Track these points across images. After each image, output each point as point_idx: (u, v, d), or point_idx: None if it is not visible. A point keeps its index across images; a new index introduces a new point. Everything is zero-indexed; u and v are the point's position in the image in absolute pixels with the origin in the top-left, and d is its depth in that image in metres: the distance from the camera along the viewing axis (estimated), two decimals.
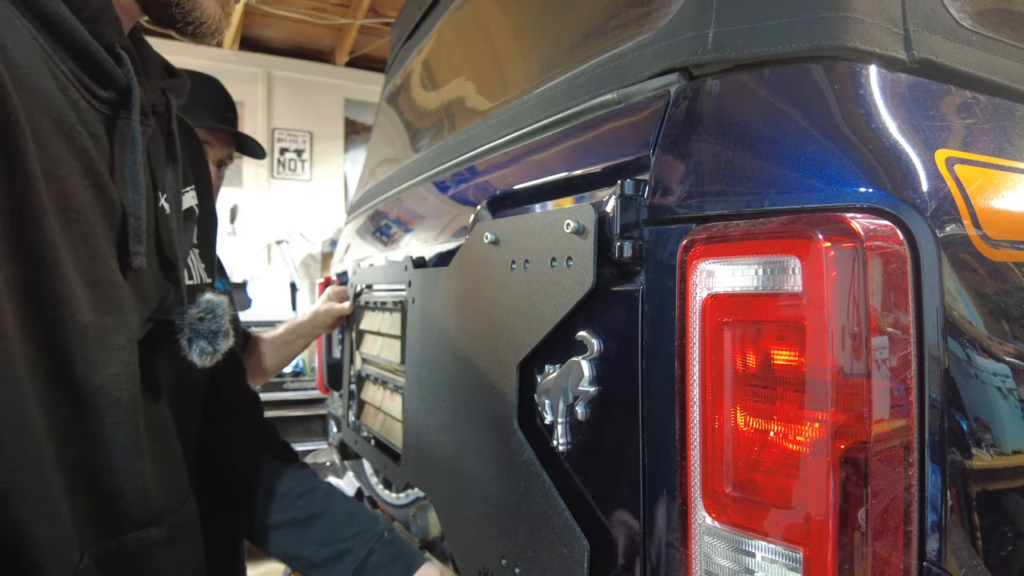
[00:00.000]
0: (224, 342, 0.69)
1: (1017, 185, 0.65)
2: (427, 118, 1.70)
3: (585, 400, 0.76)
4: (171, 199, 0.73)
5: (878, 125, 0.60)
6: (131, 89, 0.63)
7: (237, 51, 5.04)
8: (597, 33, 0.94)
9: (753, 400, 0.57)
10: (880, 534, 0.52)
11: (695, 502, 0.61)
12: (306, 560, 0.89)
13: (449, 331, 1.08)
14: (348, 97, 5.55)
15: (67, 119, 0.58)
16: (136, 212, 0.63)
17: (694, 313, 0.62)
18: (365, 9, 4.85)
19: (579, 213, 0.74)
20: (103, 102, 0.62)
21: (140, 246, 0.63)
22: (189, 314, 0.68)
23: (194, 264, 0.84)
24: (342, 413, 1.86)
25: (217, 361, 0.70)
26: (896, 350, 0.54)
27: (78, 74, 0.59)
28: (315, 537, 0.89)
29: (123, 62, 0.63)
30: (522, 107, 1.03)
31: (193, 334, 0.68)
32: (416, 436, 1.22)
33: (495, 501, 0.92)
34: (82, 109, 0.60)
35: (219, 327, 0.69)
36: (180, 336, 0.68)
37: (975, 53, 0.69)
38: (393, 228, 1.63)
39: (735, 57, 0.66)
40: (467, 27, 1.56)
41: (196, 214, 0.84)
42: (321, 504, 0.91)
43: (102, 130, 0.62)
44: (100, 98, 0.62)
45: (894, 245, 0.55)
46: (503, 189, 0.98)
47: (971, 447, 0.57)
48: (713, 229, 0.62)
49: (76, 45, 0.58)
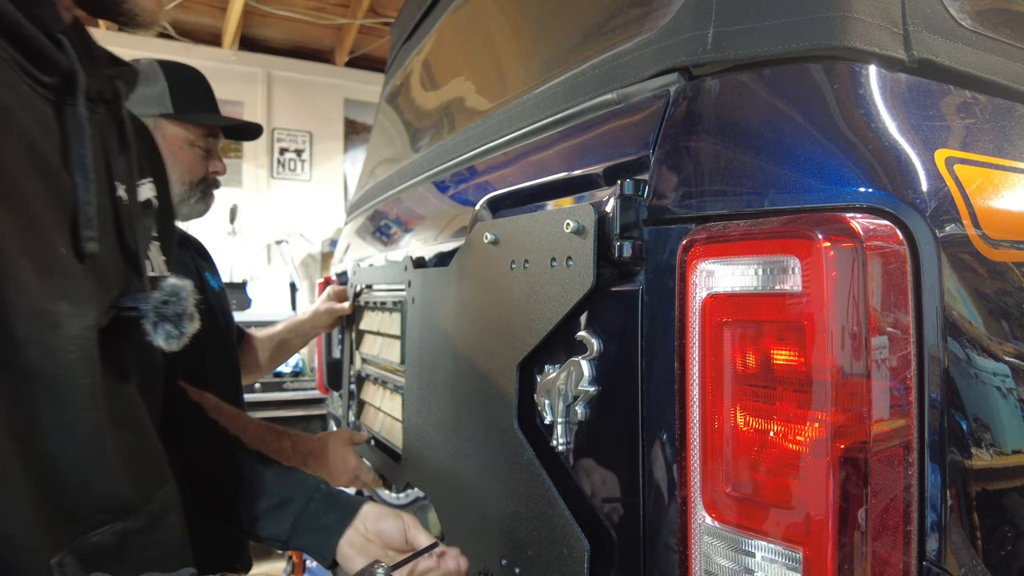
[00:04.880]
0: (190, 325, 0.68)
1: (1017, 185, 0.65)
2: (427, 118, 1.70)
3: (585, 400, 0.76)
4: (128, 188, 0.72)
5: (878, 125, 0.60)
6: (74, 73, 0.62)
7: (237, 51, 5.03)
8: (597, 33, 0.93)
9: (753, 400, 0.57)
10: (880, 534, 0.52)
11: (695, 502, 0.61)
12: (246, 516, 0.92)
13: (449, 331, 1.08)
14: (348, 97, 5.55)
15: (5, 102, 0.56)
16: (85, 197, 0.62)
17: (694, 313, 0.62)
18: (365, 9, 4.85)
19: (579, 213, 0.74)
20: (47, 87, 0.61)
21: (91, 231, 0.62)
22: (152, 298, 0.67)
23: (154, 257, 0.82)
24: (342, 413, 1.86)
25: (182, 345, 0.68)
26: (896, 350, 0.54)
27: (17, 59, 0.58)
28: (253, 492, 0.92)
29: (64, 46, 0.61)
30: (522, 107, 1.03)
31: (158, 318, 0.66)
32: (416, 436, 1.22)
33: (495, 501, 0.92)
34: (23, 94, 0.58)
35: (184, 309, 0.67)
36: (145, 321, 0.66)
37: (975, 53, 0.69)
38: (393, 228, 1.63)
39: (735, 57, 0.66)
40: (467, 27, 1.56)
41: (155, 206, 0.82)
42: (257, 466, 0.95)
43: (51, 116, 0.61)
44: (43, 83, 0.60)
45: (894, 245, 0.55)
46: (503, 189, 0.98)
47: (971, 447, 0.57)
48: (713, 229, 0.62)
49: (11, 29, 0.57)
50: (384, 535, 0.90)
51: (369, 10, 4.89)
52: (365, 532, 0.90)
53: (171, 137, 1.51)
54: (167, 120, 1.50)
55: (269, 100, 5.22)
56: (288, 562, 1.90)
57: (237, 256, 5.02)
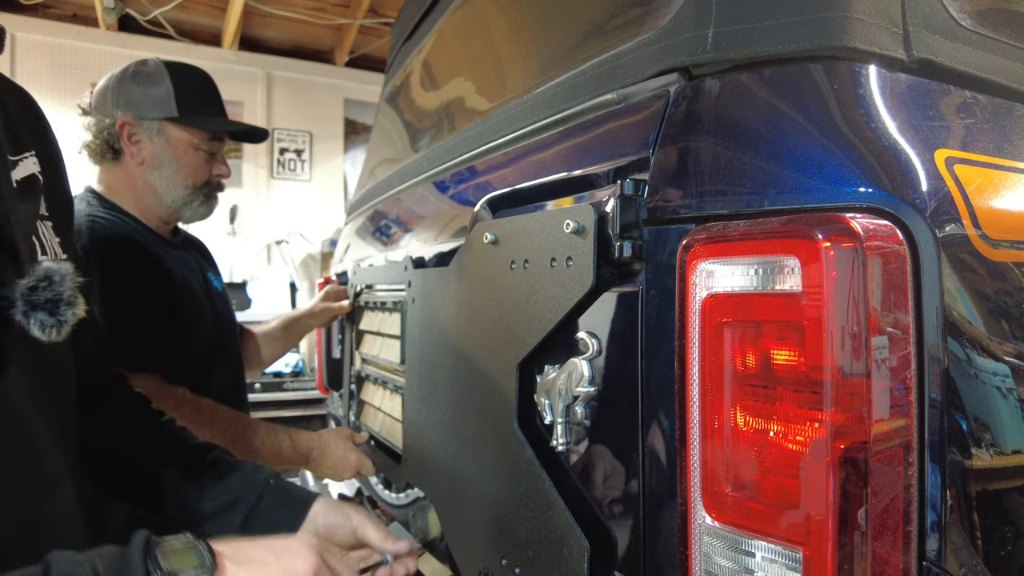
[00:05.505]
0: (69, 311, 0.62)
1: (1017, 185, 0.65)
2: (427, 118, 1.70)
3: (585, 400, 0.76)
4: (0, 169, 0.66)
5: (878, 125, 0.60)
6: None
7: (237, 51, 5.03)
8: (597, 33, 0.93)
9: (753, 400, 0.57)
10: (880, 534, 0.52)
11: (695, 502, 0.61)
12: (198, 513, 0.91)
13: (449, 331, 1.08)
14: (348, 97, 5.54)
15: None
16: None
17: (694, 313, 0.62)
18: (365, 9, 4.85)
19: (579, 213, 0.74)
20: None
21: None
22: (19, 285, 0.60)
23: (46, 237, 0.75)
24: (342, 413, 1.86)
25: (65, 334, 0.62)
26: (896, 350, 0.54)
27: None
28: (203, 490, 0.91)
29: None
30: (522, 107, 1.03)
31: (28, 307, 0.60)
32: (416, 436, 1.22)
33: (495, 501, 0.92)
34: None
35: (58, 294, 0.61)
36: (14, 311, 0.60)
37: (975, 53, 0.69)
38: (393, 228, 1.63)
39: (735, 57, 0.66)
40: (467, 27, 1.56)
41: (40, 182, 0.76)
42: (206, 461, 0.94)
43: None
44: None
45: (894, 245, 0.55)
46: (503, 189, 0.98)
47: (971, 447, 0.57)
48: (713, 229, 0.62)
49: None
50: (332, 532, 0.90)
51: (369, 10, 4.89)
52: (315, 530, 0.90)
53: (175, 140, 1.50)
54: (172, 123, 1.49)
55: (269, 100, 5.22)
56: None
57: (237, 256, 5.02)
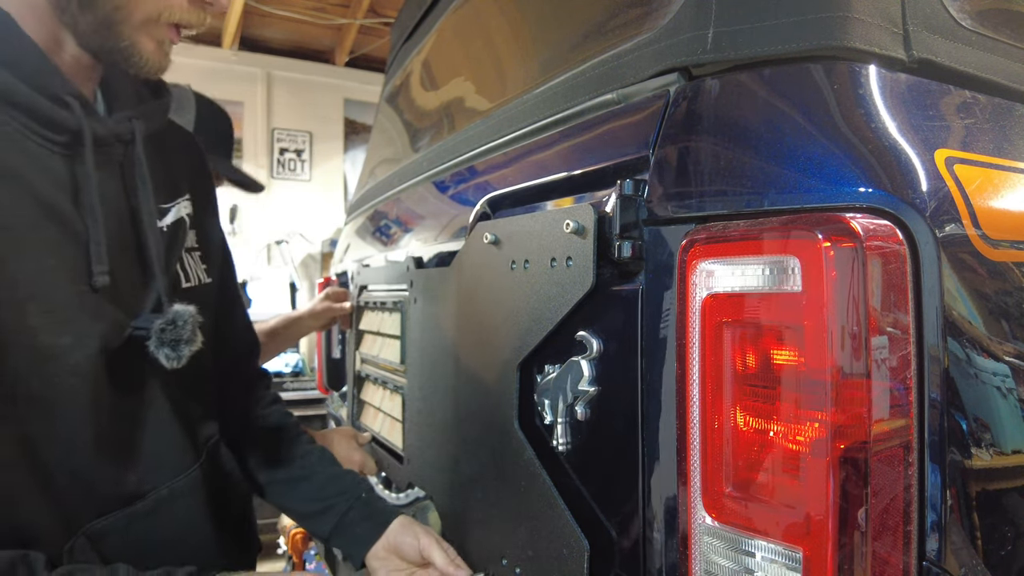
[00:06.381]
0: (187, 348, 0.78)
1: (1017, 185, 0.65)
2: (427, 118, 1.70)
3: (585, 400, 0.76)
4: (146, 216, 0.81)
5: (878, 125, 0.60)
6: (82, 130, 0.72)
7: (237, 51, 5.03)
8: (597, 33, 0.93)
9: (753, 400, 0.57)
10: (880, 534, 0.52)
11: (695, 502, 0.61)
12: (297, 511, 1.08)
13: (450, 331, 1.08)
14: (348, 97, 5.54)
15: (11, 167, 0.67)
16: (96, 237, 0.73)
17: (694, 313, 0.62)
18: (365, 9, 4.85)
19: (579, 213, 0.74)
20: (60, 145, 0.71)
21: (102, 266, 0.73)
22: (155, 324, 0.77)
23: (192, 267, 0.93)
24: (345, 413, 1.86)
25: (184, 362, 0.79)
26: (896, 350, 0.54)
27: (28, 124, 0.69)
28: (306, 493, 1.07)
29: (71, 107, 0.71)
30: (522, 107, 1.03)
31: (158, 343, 0.77)
32: (417, 436, 1.22)
33: (495, 501, 0.92)
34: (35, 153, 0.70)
35: (179, 336, 0.77)
36: (149, 343, 0.77)
37: (975, 53, 0.69)
38: (393, 228, 1.63)
39: (735, 57, 0.66)
40: (467, 27, 1.56)
41: (187, 223, 0.92)
42: (315, 466, 1.10)
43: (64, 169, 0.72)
44: (56, 142, 0.71)
45: (894, 245, 0.55)
46: (503, 189, 0.98)
47: (971, 447, 0.57)
48: (713, 229, 0.62)
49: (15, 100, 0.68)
50: (400, 548, 1.00)
51: (369, 10, 4.88)
52: (388, 546, 1.01)
53: None
54: None
55: (269, 100, 5.22)
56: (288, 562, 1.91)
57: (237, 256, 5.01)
